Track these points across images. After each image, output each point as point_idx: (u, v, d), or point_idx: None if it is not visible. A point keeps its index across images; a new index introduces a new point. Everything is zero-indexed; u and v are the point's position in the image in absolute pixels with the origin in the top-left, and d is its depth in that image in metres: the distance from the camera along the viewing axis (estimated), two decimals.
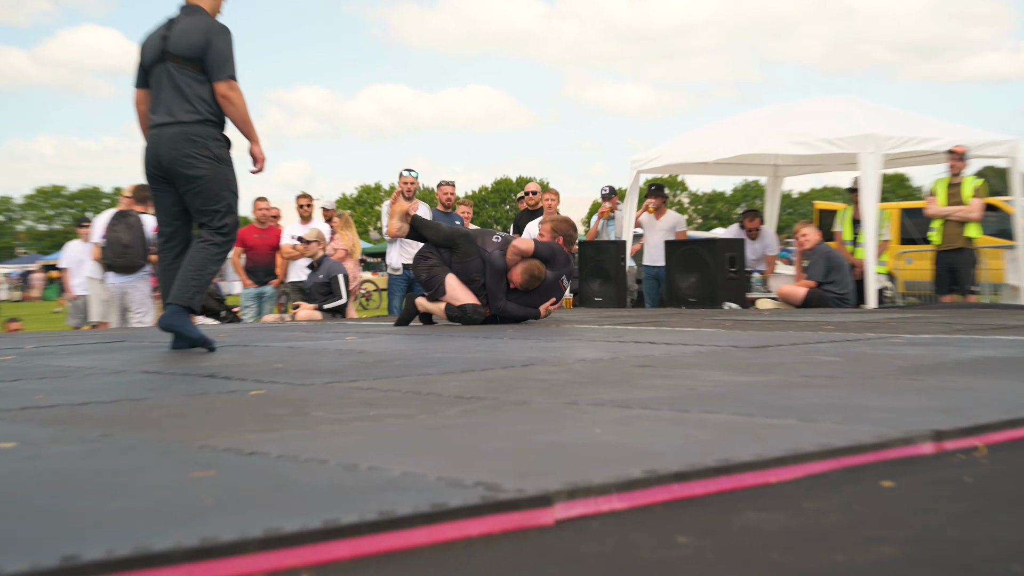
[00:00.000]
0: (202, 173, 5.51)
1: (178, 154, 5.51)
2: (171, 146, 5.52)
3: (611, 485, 1.79)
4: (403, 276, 11.00)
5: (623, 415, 2.67)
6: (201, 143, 5.53)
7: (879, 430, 2.31)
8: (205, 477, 1.93)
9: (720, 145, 11.67)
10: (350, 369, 4.12)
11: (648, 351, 4.69)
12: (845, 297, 10.46)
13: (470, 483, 1.81)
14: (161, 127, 5.57)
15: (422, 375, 3.80)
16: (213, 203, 5.56)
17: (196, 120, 5.54)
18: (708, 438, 2.26)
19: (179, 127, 5.53)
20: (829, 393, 3.05)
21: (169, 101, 5.56)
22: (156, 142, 5.57)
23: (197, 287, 5.52)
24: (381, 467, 1.98)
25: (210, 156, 5.54)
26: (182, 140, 5.51)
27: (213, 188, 5.56)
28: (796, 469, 2.02)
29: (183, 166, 5.51)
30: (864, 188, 10.42)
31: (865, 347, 4.74)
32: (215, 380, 3.80)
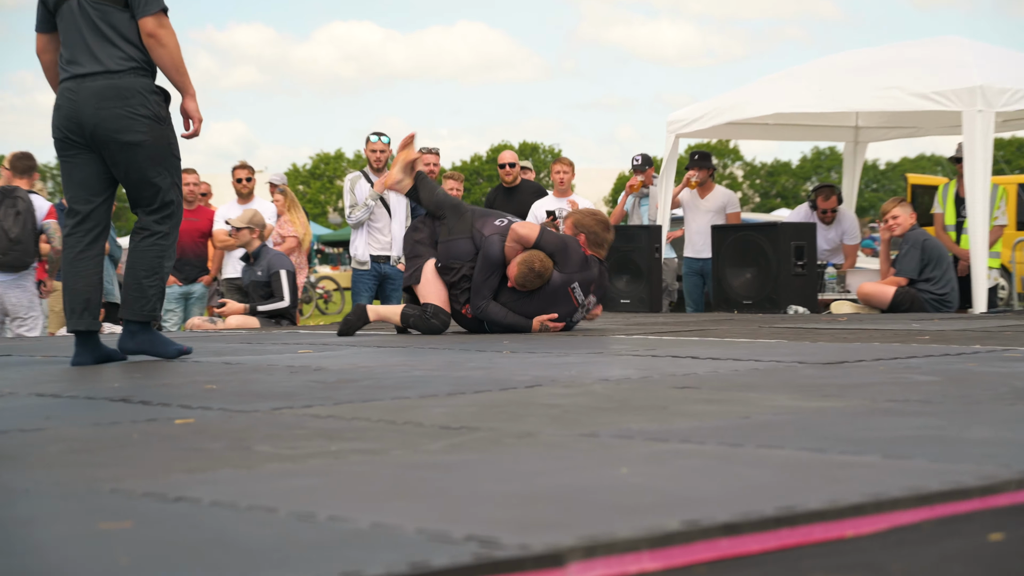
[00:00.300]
0: (141, 138, 5.53)
1: (107, 114, 5.51)
2: (97, 104, 5.52)
3: (641, 540, 1.81)
4: (371, 272, 11.02)
5: (657, 451, 2.68)
6: (137, 99, 5.54)
7: (986, 469, 2.32)
8: (119, 530, 1.94)
9: (784, 101, 11.68)
10: (304, 391, 4.14)
11: (689, 368, 4.70)
12: (945, 298, 10.47)
13: (459, 537, 1.82)
14: (80, 79, 5.56)
15: (397, 399, 3.81)
16: (153, 175, 5.58)
17: (128, 68, 5.54)
18: (766, 480, 2.28)
19: (106, 79, 5.53)
20: (923, 422, 3.06)
21: (88, 45, 5.55)
22: (74, 98, 5.56)
23: (156, 293, 5.61)
24: (345, 517, 1.99)
25: (149, 115, 5.56)
26: (111, 96, 5.52)
27: (154, 156, 5.57)
28: (879, 520, 2.03)
29: (115, 130, 5.51)
30: (971, 157, 10.42)
31: (970, 363, 4.75)
32: (130, 406, 3.82)
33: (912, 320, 8.57)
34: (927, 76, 10.79)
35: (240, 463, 2.62)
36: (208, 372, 5.02)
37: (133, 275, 5.63)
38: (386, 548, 1.77)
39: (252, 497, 2.18)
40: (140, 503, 2.17)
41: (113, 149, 5.54)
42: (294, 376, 4.72)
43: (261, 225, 10.54)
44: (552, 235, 7.58)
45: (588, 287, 7.56)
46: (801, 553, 1.88)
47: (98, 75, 5.52)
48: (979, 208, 10.36)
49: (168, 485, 2.34)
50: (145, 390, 4.26)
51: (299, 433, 3.08)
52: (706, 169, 12.35)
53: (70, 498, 2.24)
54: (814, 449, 2.63)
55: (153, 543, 1.84)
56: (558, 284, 7.49)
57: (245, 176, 11.95)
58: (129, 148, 5.52)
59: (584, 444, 2.81)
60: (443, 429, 3.08)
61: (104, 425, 3.37)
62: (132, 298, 5.62)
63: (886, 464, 2.43)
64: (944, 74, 10.74)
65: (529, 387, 4.09)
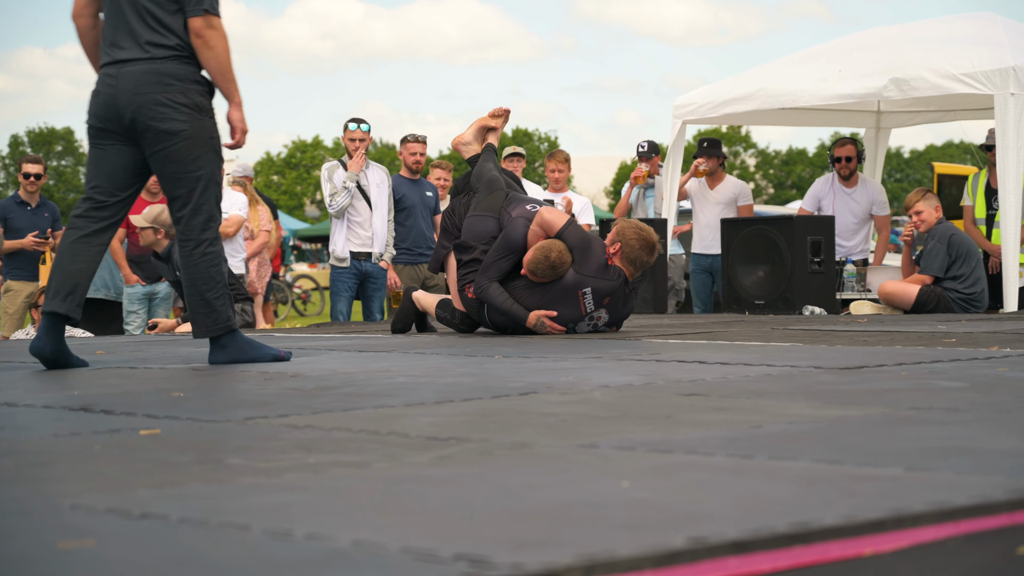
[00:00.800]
0: (180, 127, 5.62)
1: (145, 100, 5.60)
2: (136, 89, 5.61)
3: (644, 559, 1.82)
4: (351, 270, 11.03)
5: (661, 463, 2.70)
6: (178, 86, 5.63)
7: (1016, 483, 2.34)
8: (80, 549, 1.95)
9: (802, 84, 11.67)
10: (279, 400, 4.14)
11: (697, 374, 4.72)
12: (974, 298, 10.49)
13: (448, 556, 1.83)
14: (121, 64, 5.66)
15: (380, 407, 3.82)
16: (192, 168, 5.66)
17: (170, 56, 5.64)
18: (779, 494, 2.29)
19: (147, 64, 5.62)
20: (948, 432, 3.08)
21: (132, 28, 5.66)
22: (113, 84, 5.66)
23: (223, 303, 5.72)
24: (324, 535, 2.00)
25: (188, 104, 5.65)
26: (151, 81, 5.60)
27: (193, 149, 5.65)
28: (901, 536, 2.04)
29: (152, 117, 5.60)
30: (1003, 144, 10.41)
31: (1001, 368, 4.77)
32: (91, 415, 3.83)
33: (937, 321, 8.59)
34: (956, 56, 10.77)
35: (210, 477, 2.63)
36: (175, 379, 5.03)
37: (196, 291, 5.72)
38: (369, 568, 1.78)
39: (224, 514, 2.19)
40: (103, 520, 2.18)
41: (149, 138, 5.63)
42: (269, 383, 4.73)
43: (166, 224, 10.35)
44: (578, 230, 7.56)
45: (602, 298, 7.48)
46: (816, 572, 1.89)
47: (139, 61, 5.62)
48: (1011, 200, 10.35)
49: (133, 501, 2.34)
50: (107, 398, 4.27)
51: (274, 445, 3.09)
52: (716, 157, 12.36)
53: (27, 515, 2.25)
54: (831, 461, 2.64)
55: (117, 563, 1.84)
56: (569, 284, 7.45)
57: None
58: (166, 137, 5.61)
59: (582, 456, 2.82)
60: (430, 440, 3.09)
61: (64, 436, 3.37)
62: (202, 315, 5.73)
63: (908, 477, 2.44)
64: (975, 54, 10.72)
65: (523, 394, 4.10)
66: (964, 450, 2.77)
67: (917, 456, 2.69)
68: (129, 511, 2.24)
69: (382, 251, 11.08)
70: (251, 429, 3.40)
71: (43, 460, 2.95)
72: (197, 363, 5.80)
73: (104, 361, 6.03)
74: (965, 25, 11.70)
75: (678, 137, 12.37)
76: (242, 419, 3.61)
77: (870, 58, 11.42)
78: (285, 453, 2.93)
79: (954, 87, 10.69)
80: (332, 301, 11.32)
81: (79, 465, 2.86)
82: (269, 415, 3.68)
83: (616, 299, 7.52)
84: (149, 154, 5.67)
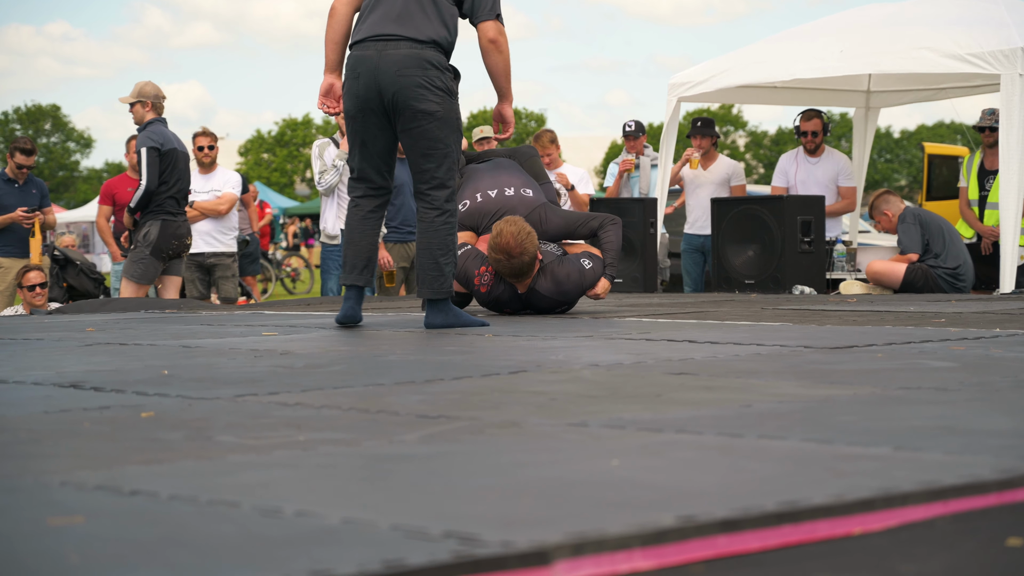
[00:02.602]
0: (434, 108, 6.14)
1: (407, 81, 6.09)
2: (398, 70, 6.08)
3: (633, 537, 1.82)
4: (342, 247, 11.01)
5: (650, 442, 2.70)
6: (434, 71, 6.15)
7: (1005, 462, 2.34)
8: (69, 526, 1.95)
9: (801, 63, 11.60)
10: (269, 377, 4.14)
11: (687, 353, 4.72)
12: (959, 272, 10.51)
13: (437, 534, 1.84)
14: (384, 41, 6.12)
15: (370, 385, 3.83)
16: (442, 146, 6.23)
17: (431, 42, 6.16)
18: (768, 473, 2.30)
19: (409, 47, 6.11)
20: (938, 412, 3.08)
21: (404, 10, 6.15)
22: (376, 63, 6.12)
23: (451, 270, 6.33)
24: (313, 512, 2.01)
25: (443, 88, 6.22)
26: (413, 64, 6.09)
27: (444, 127, 6.21)
28: (889, 516, 2.05)
29: (413, 97, 6.10)
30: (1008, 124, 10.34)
31: (992, 348, 4.78)
32: (81, 392, 3.83)
33: (927, 301, 8.60)
34: (961, 36, 10.70)
35: (200, 454, 2.63)
36: (165, 356, 5.02)
37: (429, 254, 6.25)
38: (358, 546, 1.78)
39: (213, 491, 2.20)
40: (92, 497, 2.18)
41: (407, 116, 6.13)
42: (258, 361, 4.73)
43: (151, 96, 10.18)
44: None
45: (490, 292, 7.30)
46: (804, 552, 1.90)
47: (401, 40, 6.10)
48: (1014, 180, 10.30)
49: (123, 478, 2.34)
50: (97, 375, 4.27)
51: (264, 422, 3.09)
52: (710, 137, 12.36)
53: (16, 492, 2.25)
54: (820, 440, 2.65)
55: (106, 540, 1.84)
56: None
57: (207, 144, 11.89)
58: (423, 116, 6.13)
59: (572, 434, 2.82)
60: (420, 418, 3.09)
61: (53, 413, 3.37)
62: (431, 277, 6.23)
63: (897, 456, 2.45)
64: (980, 34, 10.65)
65: (513, 373, 4.10)
66: (953, 430, 2.77)
67: (906, 435, 2.69)
68: (119, 488, 2.24)
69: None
70: (241, 406, 3.40)
71: (32, 437, 2.95)
72: (187, 340, 5.79)
73: (94, 338, 6.02)
74: (968, 4, 11.62)
75: (672, 115, 12.33)
76: (232, 396, 3.61)
77: (871, 36, 11.35)
78: (275, 430, 2.93)
79: (960, 67, 10.62)
80: (323, 279, 11.31)
81: (68, 442, 2.86)
82: (259, 393, 3.68)
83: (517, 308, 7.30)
84: (403, 130, 6.20)
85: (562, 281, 7.11)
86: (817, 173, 11.93)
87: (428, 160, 6.22)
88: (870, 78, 13.12)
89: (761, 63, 11.94)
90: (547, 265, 7.12)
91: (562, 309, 7.35)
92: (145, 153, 9.92)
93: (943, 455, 2.45)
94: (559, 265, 7.13)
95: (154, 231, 9.98)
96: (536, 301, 7.18)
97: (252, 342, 5.61)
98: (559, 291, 7.14)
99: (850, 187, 12.12)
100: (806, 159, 12.00)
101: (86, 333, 6.35)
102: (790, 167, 12.12)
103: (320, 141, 11.22)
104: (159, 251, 10.05)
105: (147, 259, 10.01)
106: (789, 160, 12.22)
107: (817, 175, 11.92)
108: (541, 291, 7.11)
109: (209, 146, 11.89)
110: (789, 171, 12.10)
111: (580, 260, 7.19)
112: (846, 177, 12.07)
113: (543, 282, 7.10)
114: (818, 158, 11.98)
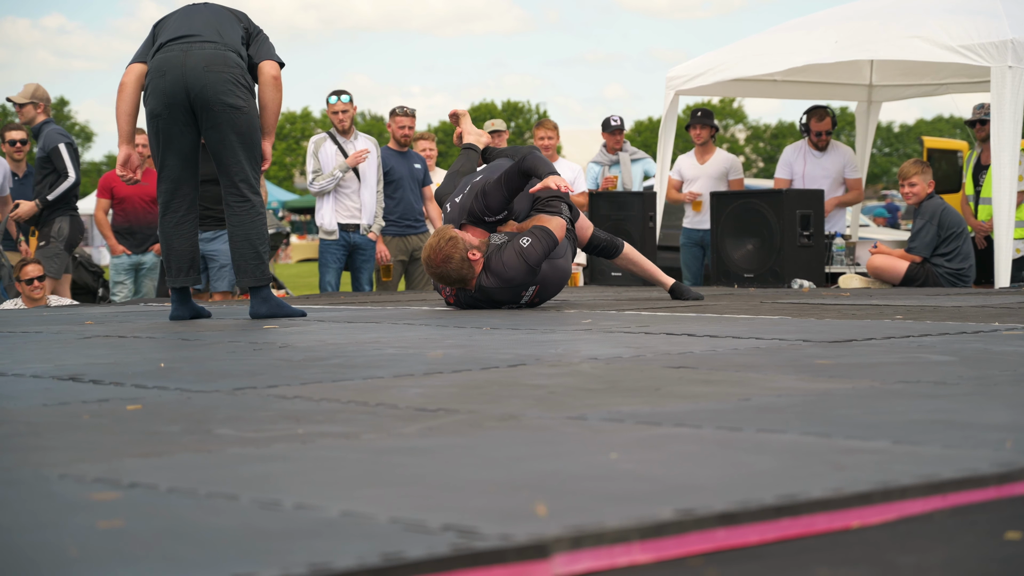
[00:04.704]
0: (242, 104, 6.41)
1: (216, 77, 6.33)
2: (207, 66, 6.32)
3: (631, 530, 1.83)
4: (339, 242, 11.01)
5: (649, 435, 2.70)
6: (239, 69, 6.42)
7: (1003, 456, 2.35)
8: (72, 521, 1.95)
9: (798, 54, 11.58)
10: (268, 370, 4.15)
11: (685, 346, 4.72)
12: (962, 273, 10.51)
13: (436, 527, 1.84)
14: (188, 43, 6.36)
15: (369, 378, 3.83)
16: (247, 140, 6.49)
17: (235, 49, 6.43)
18: (766, 467, 2.30)
19: (214, 47, 6.34)
20: (936, 405, 3.08)
21: (204, 22, 6.44)
22: (182, 60, 6.34)
23: (268, 257, 6.64)
24: (312, 504, 2.01)
25: (248, 87, 6.52)
26: (220, 62, 6.34)
27: (251, 125, 6.53)
28: (888, 509, 2.05)
29: (223, 91, 6.35)
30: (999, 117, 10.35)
31: (990, 343, 4.78)
32: (79, 385, 3.83)
33: (926, 295, 8.60)
34: (953, 27, 10.70)
35: (199, 447, 2.63)
36: (164, 348, 5.03)
37: (248, 243, 6.51)
38: (357, 538, 1.79)
39: (212, 484, 2.20)
40: (91, 489, 2.18)
41: (216, 110, 6.37)
42: (257, 354, 4.73)
43: (44, 98, 10.69)
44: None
45: None
46: (803, 545, 1.90)
47: (207, 43, 6.38)
48: (1006, 173, 10.31)
49: (122, 470, 2.35)
50: (96, 368, 4.27)
51: (263, 415, 3.09)
52: (708, 128, 12.36)
53: (15, 484, 2.25)
54: (818, 434, 2.65)
55: (105, 533, 1.85)
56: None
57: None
58: (232, 110, 6.37)
59: (571, 428, 2.83)
60: (419, 411, 3.09)
61: (52, 406, 3.37)
62: (252, 265, 6.51)
63: (896, 450, 2.45)
64: (971, 26, 10.65)
65: (512, 366, 4.10)
66: (952, 423, 2.77)
67: (905, 429, 2.70)
68: (118, 480, 2.24)
69: (370, 223, 11.06)
70: (240, 399, 3.40)
71: (32, 430, 2.95)
72: (185, 332, 5.79)
73: (93, 331, 6.03)
74: None
75: (671, 108, 12.33)
76: (231, 389, 3.61)
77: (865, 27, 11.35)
78: (274, 423, 2.93)
79: (951, 58, 10.62)
80: (320, 273, 11.30)
81: (68, 435, 2.86)
82: (258, 386, 3.68)
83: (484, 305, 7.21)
84: (210, 126, 6.43)
85: (501, 271, 6.97)
86: (824, 167, 11.92)
87: (237, 154, 6.47)
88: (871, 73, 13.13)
89: (759, 55, 11.94)
90: (489, 258, 7.07)
91: (536, 293, 7.22)
92: (64, 149, 10.61)
93: (942, 449, 2.45)
94: (497, 256, 6.99)
95: (66, 226, 10.69)
96: (493, 295, 7.12)
97: (252, 335, 5.61)
98: (504, 279, 7.01)
99: (857, 179, 12.13)
100: (812, 153, 11.98)
101: (85, 326, 6.36)
102: (795, 161, 12.10)
103: (317, 136, 11.22)
104: (70, 246, 10.82)
105: (62, 254, 10.70)
106: (795, 154, 12.20)
107: (824, 169, 11.92)
108: (488, 286, 7.07)
109: None
110: (794, 165, 12.08)
111: (519, 240, 7.03)
112: (852, 169, 12.08)
113: (486, 279, 7.05)
114: (824, 152, 11.98)
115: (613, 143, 12.76)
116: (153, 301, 9.32)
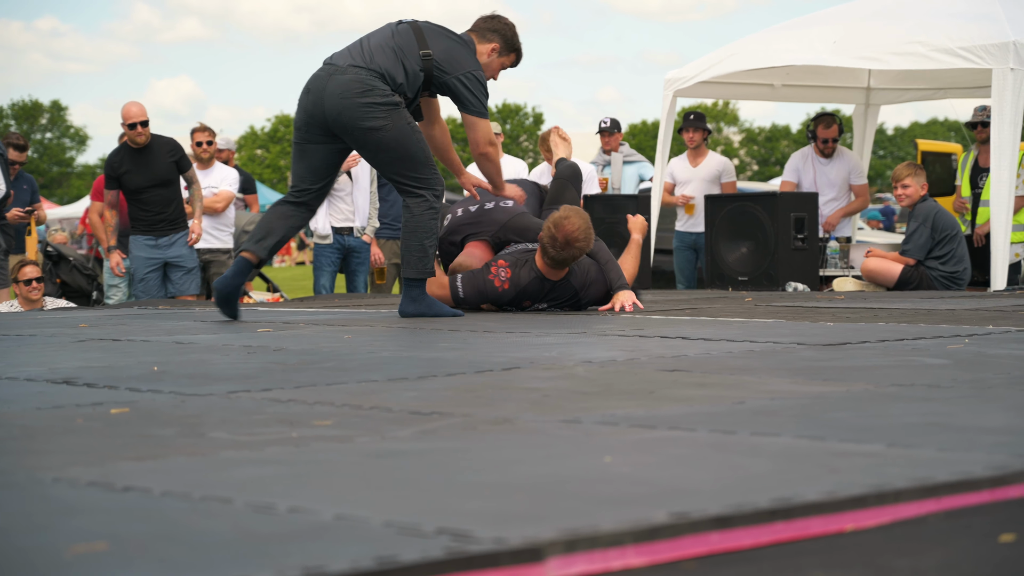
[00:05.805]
0: (382, 123, 6.59)
1: (350, 103, 6.54)
2: (341, 95, 6.53)
3: (626, 534, 1.83)
4: (334, 245, 10.99)
5: (643, 438, 2.70)
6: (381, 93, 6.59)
7: (997, 459, 2.35)
8: (64, 525, 1.95)
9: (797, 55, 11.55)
10: (262, 374, 4.14)
11: (680, 349, 4.72)
12: (956, 276, 10.51)
13: (430, 530, 1.84)
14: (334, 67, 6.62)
15: (363, 382, 3.82)
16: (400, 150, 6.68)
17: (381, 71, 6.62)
18: (761, 470, 2.30)
19: (356, 72, 6.57)
20: (931, 409, 3.09)
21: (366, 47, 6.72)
22: (324, 84, 6.62)
23: (435, 250, 6.80)
24: (306, 508, 2.01)
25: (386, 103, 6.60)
26: (356, 90, 6.54)
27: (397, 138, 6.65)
28: (882, 513, 2.05)
29: (359, 119, 6.58)
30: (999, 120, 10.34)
31: (985, 346, 4.78)
32: (73, 388, 3.82)
33: (921, 299, 8.60)
34: (953, 29, 10.68)
35: (193, 451, 2.63)
36: (158, 352, 5.02)
37: (415, 238, 6.63)
38: (351, 542, 1.78)
39: (206, 487, 2.20)
40: (85, 493, 2.18)
41: (356, 136, 6.56)
42: (252, 357, 4.72)
43: None
44: None
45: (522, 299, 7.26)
46: (798, 548, 1.90)
47: (349, 67, 6.57)
48: (1005, 176, 10.29)
49: (115, 474, 2.34)
50: (89, 372, 4.26)
51: (257, 418, 3.09)
52: (701, 130, 12.36)
53: (9, 488, 2.25)
54: (813, 437, 2.65)
55: (99, 537, 1.84)
56: None
57: (205, 140, 11.83)
58: (371, 132, 6.50)
59: (565, 431, 2.83)
60: (413, 415, 3.09)
61: (46, 409, 3.37)
62: (416, 258, 6.64)
63: (890, 453, 2.45)
64: (972, 28, 10.63)
65: (506, 369, 4.10)
66: (946, 427, 2.78)
67: (899, 432, 2.70)
68: (111, 484, 2.24)
69: (364, 225, 11.05)
70: (234, 403, 3.40)
71: (25, 433, 2.95)
72: (180, 336, 5.79)
73: (87, 334, 6.02)
74: None
75: (669, 110, 12.31)
76: (225, 393, 3.61)
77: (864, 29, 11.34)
78: (268, 427, 2.93)
79: (952, 61, 10.60)
80: (315, 276, 11.29)
81: (62, 438, 2.85)
82: (252, 389, 3.68)
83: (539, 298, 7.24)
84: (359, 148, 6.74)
85: (580, 273, 7.24)
86: (831, 174, 11.93)
87: (391, 166, 6.66)
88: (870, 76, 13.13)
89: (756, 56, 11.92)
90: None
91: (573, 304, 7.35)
92: None
93: (936, 452, 2.46)
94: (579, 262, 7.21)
95: (0, 238, 10.68)
96: (560, 292, 7.21)
97: (245, 339, 5.60)
98: (585, 281, 7.25)
99: (863, 185, 12.15)
100: (818, 159, 11.97)
101: (79, 329, 6.35)
102: (803, 167, 12.09)
103: None
104: (7, 254, 10.78)
105: (4, 263, 10.67)
106: (802, 160, 12.19)
107: (831, 176, 11.93)
108: (573, 282, 7.21)
109: (208, 141, 11.85)
110: (801, 170, 12.07)
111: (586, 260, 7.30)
112: (858, 175, 12.09)
113: (576, 277, 7.20)
114: (831, 159, 11.98)
115: (606, 144, 12.77)
116: (147, 304, 9.30)
